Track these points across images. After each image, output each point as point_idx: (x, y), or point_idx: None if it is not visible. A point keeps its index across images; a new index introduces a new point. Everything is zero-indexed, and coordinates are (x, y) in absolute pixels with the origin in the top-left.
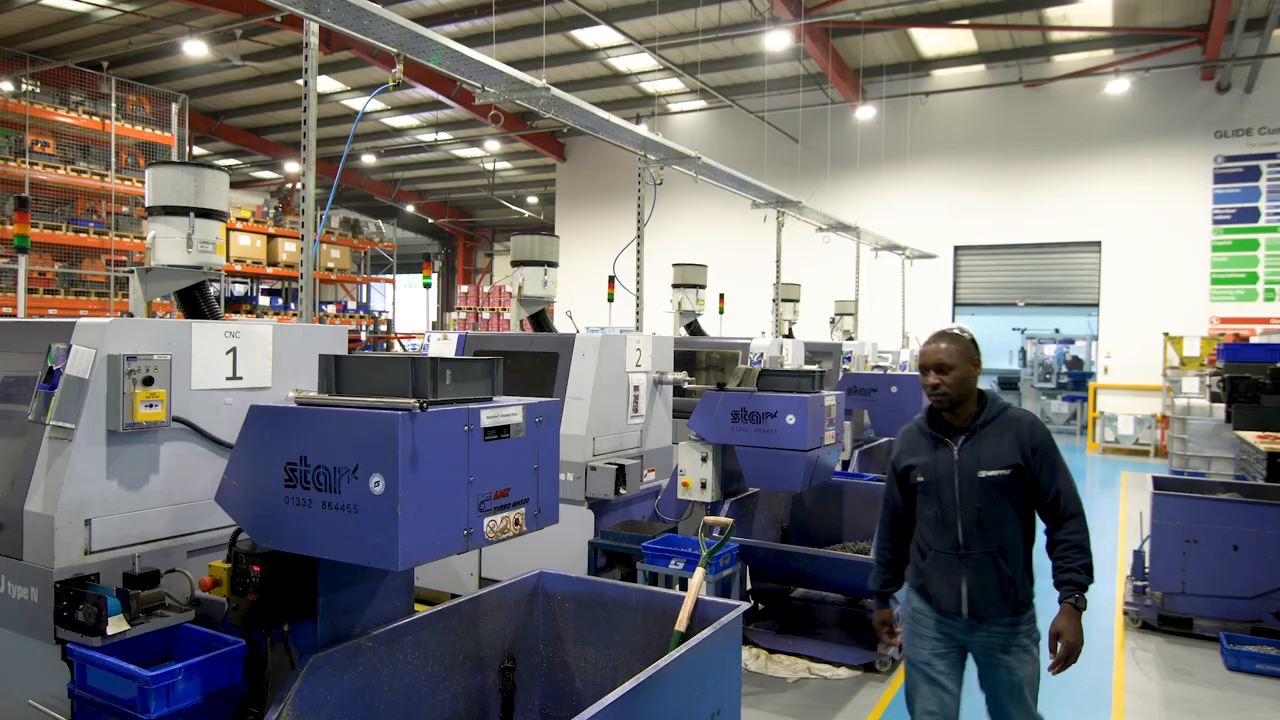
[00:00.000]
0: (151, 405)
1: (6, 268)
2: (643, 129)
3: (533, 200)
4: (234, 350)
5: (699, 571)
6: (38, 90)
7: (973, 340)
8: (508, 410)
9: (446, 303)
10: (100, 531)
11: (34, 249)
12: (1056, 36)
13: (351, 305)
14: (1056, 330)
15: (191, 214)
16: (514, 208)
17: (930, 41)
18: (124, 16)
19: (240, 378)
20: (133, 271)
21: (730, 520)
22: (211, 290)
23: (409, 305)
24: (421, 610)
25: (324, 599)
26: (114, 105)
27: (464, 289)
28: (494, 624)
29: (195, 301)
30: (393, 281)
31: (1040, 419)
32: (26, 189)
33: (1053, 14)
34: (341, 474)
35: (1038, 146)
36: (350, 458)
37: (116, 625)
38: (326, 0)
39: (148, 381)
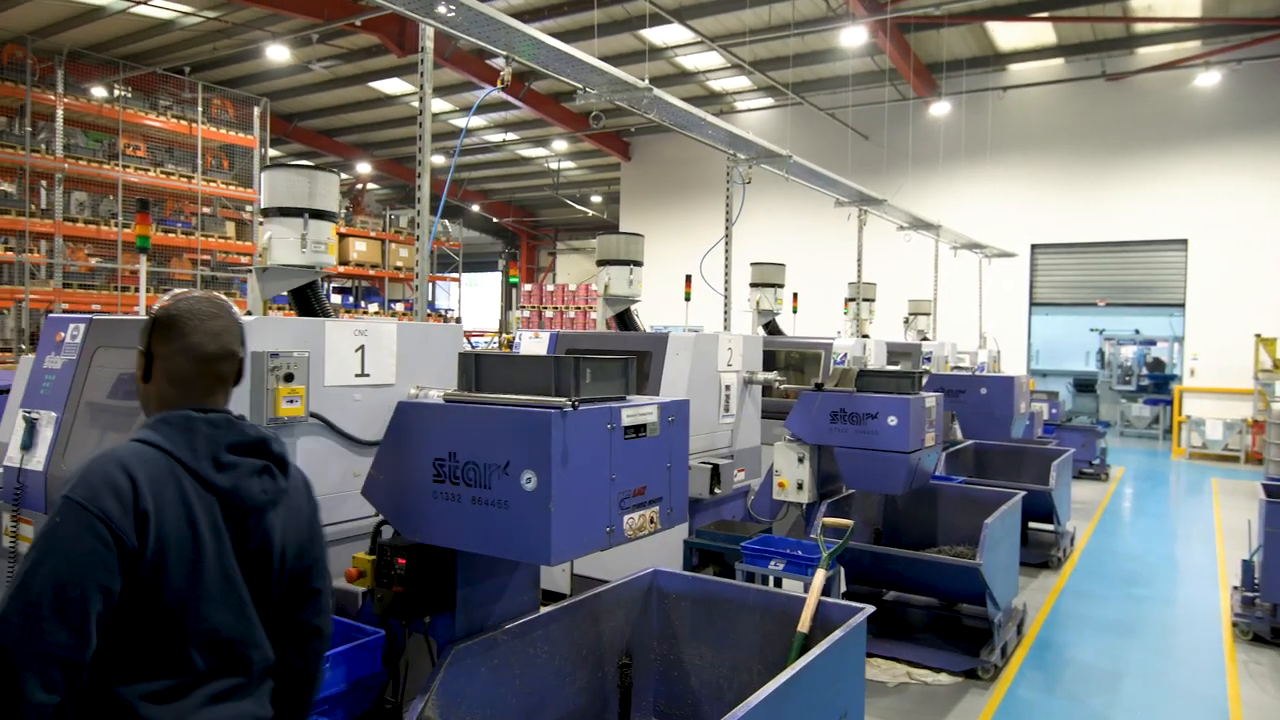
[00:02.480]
0: (292, 401)
1: (101, 266)
2: (736, 128)
3: (596, 199)
4: (362, 348)
5: (820, 573)
6: (129, 95)
7: (153, 319)
8: (645, 409)
9: (509, 301)
10: None
11: (125, 248)
12: (1141, 28)
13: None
14: (1137, 331)
15: (306, 215)
16: (578, 207)
17: (1007, 35)
18: (207, 23)
19: (368, 375)
20: (241, 271)
21: (851, 523)
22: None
23: (472, 304)
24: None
25: (462, 592)
26: (200, 109)
27: (527, 287)
28: (613, 621)
29: (308, 300)
30: (458, 280)
31: None
32: (119, 191)
33: (1137, 5)
34: (492, 470)
35: (1120, 142)
36: (502, 454)
37: None
38: (440, 3)
39: (289, 378)
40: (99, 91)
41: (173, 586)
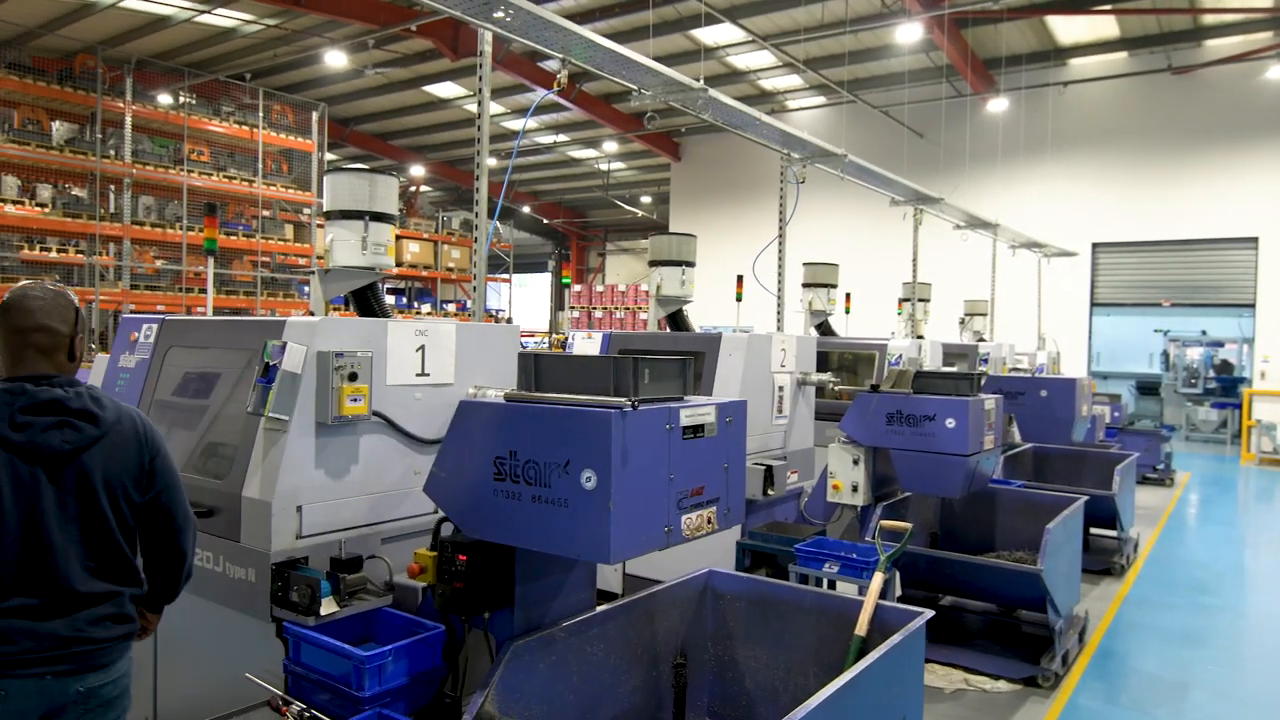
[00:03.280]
0: (355, 400)
1: (166, 268)
2: (791, 127)
3: (646, 200)
4: (422, 348)
5: (878, 576)
6: (193, 102)
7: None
8: (702, 410)
9: (559, 302)
10: (309, 517)
11: (189, 251)
12: (1209, 20)
13: (470, 304)
14: (1203, 332)
15: (366, 218)
16: (628, 208)
17: (1068, 29)
18: (267, 30)
19: (428, 374)
20: (300, 273)
21: (909, 526)
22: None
23: (521, 304)
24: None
25: (520, 589)
26: (261, 115)
27: (577, 288)
28: (668, 620)
29: (368, 301)
30: (509, 281)
31: None
32: (184, 195)
33: None
34: (552, 469)
35: (1187, 137)
36: (562, 453)
37: (328, 606)
38: (499, 8)
39: (352, 377)
40: (165, 98)
41: None
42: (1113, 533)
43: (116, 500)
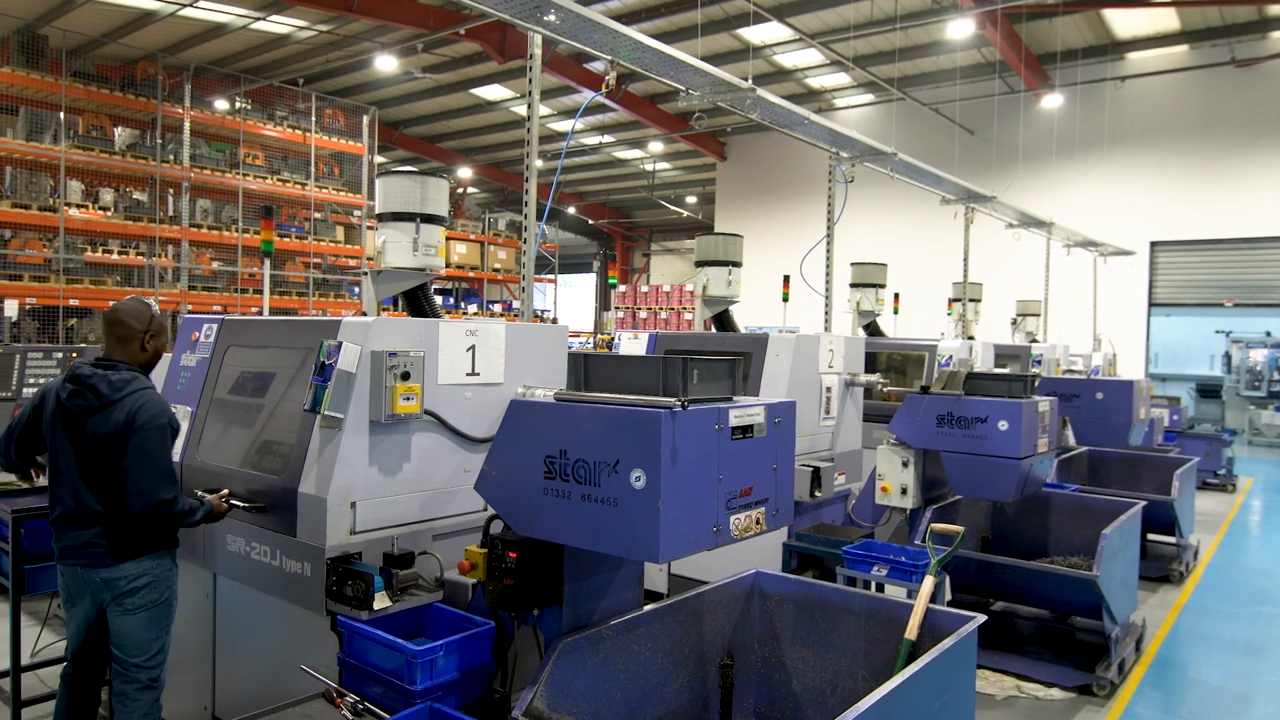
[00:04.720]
0: (408, 398)
1: (222, 270)
2: (839, 126)
3: (691, 200)
4: (473, 348)
5: (928, 580)
6: (249, 107)
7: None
8: (751, 410)
9: (604, 302)
10: (363, 514)
11: (245, 252)
12: (1275, 10)
13: (516, 304)
14: (1268, 333)
15: (418, 219)
16: (673, 208)
17: (1126, 22)
18: (320, 36)
19: (478, 374)
20: (350, 274)
21: (961, 529)
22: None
23: (566, 304)
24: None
25: (569, 587)
26: (314, 119)
27: (621, 289)
28: (715, 621)
29: (419, 301)
30: (554, 281)
31: None
32: (240, 198)
33: None
34: (602, 468)
35: (1250, 131)
36: (611, 453)
37: (380, 601)
38: (549, 11)
39: (405, 376)
40: (221, 104)
41: (45, 439)
42: (1171, 539)
43: (103, 456)
